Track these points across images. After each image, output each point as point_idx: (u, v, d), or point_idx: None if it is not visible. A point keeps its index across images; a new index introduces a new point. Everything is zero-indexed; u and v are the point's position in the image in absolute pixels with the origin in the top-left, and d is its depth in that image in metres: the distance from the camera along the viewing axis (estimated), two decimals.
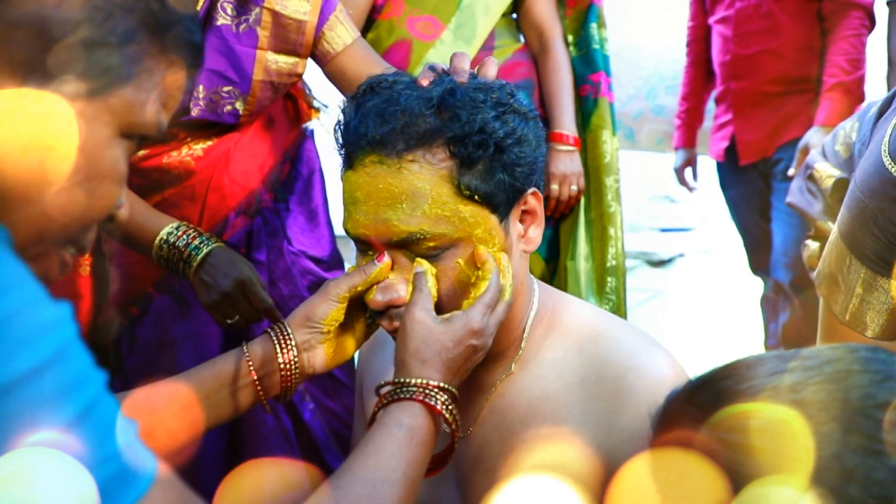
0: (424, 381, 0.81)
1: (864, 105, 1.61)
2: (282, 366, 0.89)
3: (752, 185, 2.57)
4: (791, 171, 1.99)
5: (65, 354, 0.46)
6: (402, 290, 0.86)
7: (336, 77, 1.37)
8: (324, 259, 1.56)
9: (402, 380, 0.81)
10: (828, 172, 1.49)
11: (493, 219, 0.86)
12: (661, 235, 5.09)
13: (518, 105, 0.87)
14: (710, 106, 2.79)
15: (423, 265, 0.86)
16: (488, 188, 0.84)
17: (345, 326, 0.94)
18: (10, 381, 0.42)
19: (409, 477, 0.74)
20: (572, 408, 0.92)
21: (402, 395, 0.80)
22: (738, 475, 0.58)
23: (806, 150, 2.00)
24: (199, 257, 1.27)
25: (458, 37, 1.83)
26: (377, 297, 0.86)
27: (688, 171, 2.87)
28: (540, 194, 0.91)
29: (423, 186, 0.82)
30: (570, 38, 2.05)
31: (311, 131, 1.61)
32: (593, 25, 2.03)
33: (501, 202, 0.86)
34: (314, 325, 0.90)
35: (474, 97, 0.84)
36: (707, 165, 2.87)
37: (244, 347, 0.90)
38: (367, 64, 1.34)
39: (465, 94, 0.83)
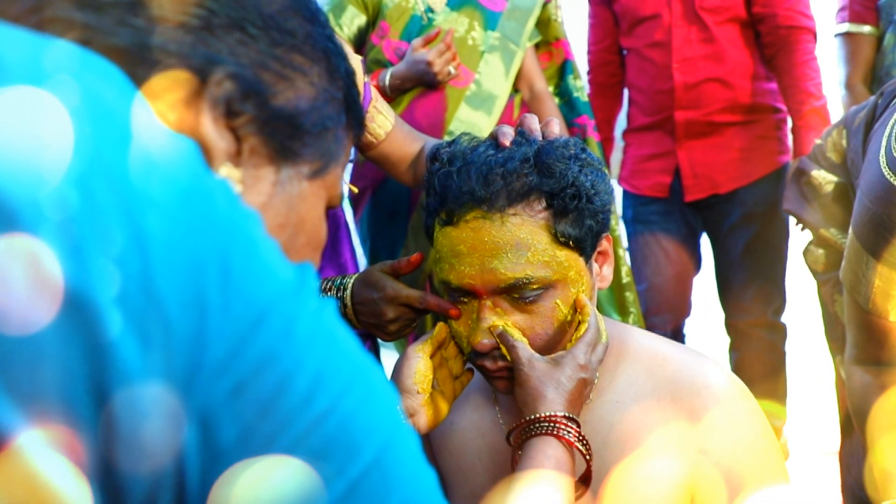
0: (551, 415, 0.88)
1: (847, 112, 1.61)
2: None
3: (687, 227, 2.45)
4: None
5: (394, 441, 0.43)
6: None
7: (380, 160, 1.34)
8: None
9: (530, 417, 0.88)
10: (826, 178, 1.60)
11: (581, 261, 0.95)
12: None
13: (590, 158, 0.96)
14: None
15: (499, 326, 0.93)
16: (579, 234, 0.93)
17: (434, 389, 1.00)
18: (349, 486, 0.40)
19: (569, 500, 0.82)
20: (652, 428, 1.00)
21: (536, 432, 0.87)
22: None
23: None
24: (349, 294, 1.19)
25: (487, 84, 1.92)
26: (484, 341, 0.92)
27: None
28: (611, 237, 1.01)
29: (525, 237, 0.90)
30: (551, 88, 2.20)
31: None
32: (570, 77, 2.20)
33: (588, 245, 0.95)
34: (408, 388, 0.96)
35: (562, 154, 0.93)
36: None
37: None
38: (409, 142, 1.33)
39: (553, 151, 0.92)
